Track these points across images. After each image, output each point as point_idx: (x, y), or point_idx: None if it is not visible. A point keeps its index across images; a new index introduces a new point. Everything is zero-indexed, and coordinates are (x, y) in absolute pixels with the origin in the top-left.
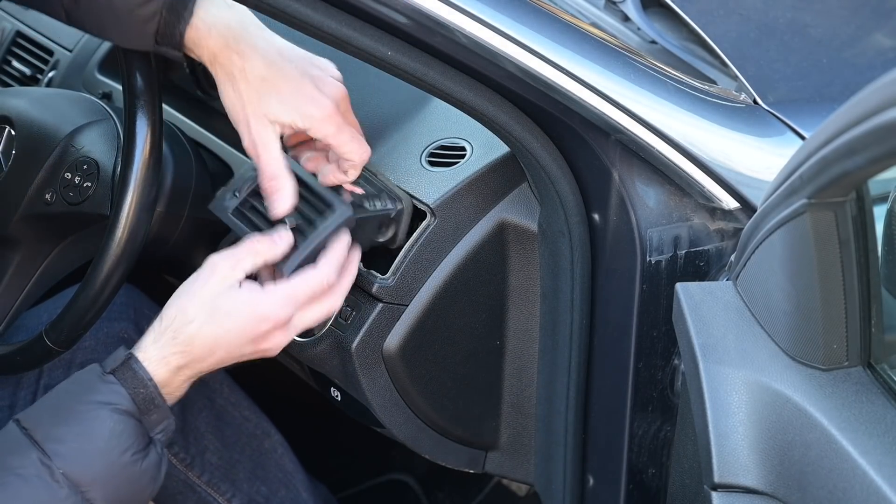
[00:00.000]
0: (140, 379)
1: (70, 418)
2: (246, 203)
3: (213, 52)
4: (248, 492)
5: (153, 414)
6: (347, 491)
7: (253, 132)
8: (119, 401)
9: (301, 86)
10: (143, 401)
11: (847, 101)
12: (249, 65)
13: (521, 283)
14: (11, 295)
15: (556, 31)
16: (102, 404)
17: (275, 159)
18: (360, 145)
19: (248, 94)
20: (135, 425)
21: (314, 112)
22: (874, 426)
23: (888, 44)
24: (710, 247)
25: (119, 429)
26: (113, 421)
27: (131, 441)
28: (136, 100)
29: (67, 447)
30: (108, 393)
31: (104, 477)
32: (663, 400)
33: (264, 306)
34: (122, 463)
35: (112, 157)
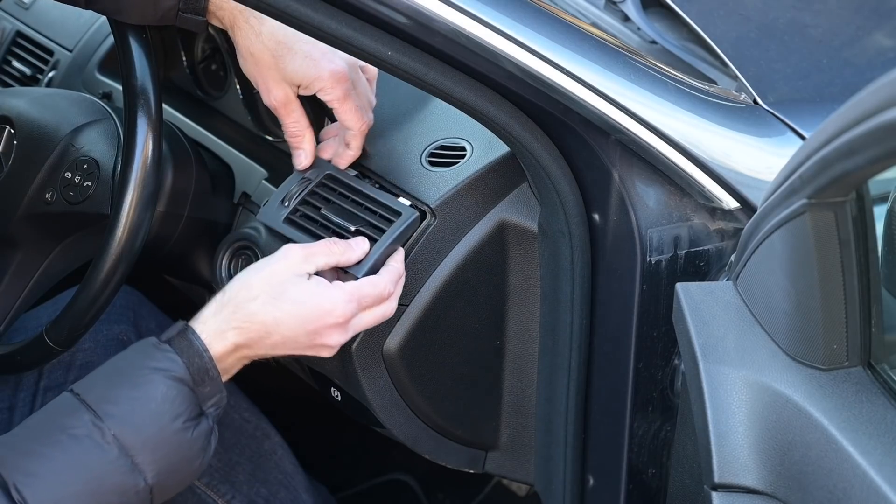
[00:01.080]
0: (196, 349)
1: (123, 382)
2: (297, 211)
3: (233, 15)
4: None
5: (206, 386)
6: (347, 491)
7: (272, 93)
8: (173, 368)
9: (315, 47)
10: (198, 371)
11: (847, 102)
12: (266, 27)
13: (521, 283)
14: (12, 295)
15: (556, 31)
16: (156, 370)
17: (295, 120)
18: (359, 114)
19: (264, 56)
20: (188, 394)
21: (325, 73)
22: (874, 426)
23: (888, 44)
24: (710, 247)
25: (172, 394)
26: (166, 386)
27: (183, 408)
28: (136, 100)
29: (120, 409)
30: (162, 360)
31: (154, 441)
32: (663, 400)
33: (330, 300)
34: (173, 429)
35: (112, 156)
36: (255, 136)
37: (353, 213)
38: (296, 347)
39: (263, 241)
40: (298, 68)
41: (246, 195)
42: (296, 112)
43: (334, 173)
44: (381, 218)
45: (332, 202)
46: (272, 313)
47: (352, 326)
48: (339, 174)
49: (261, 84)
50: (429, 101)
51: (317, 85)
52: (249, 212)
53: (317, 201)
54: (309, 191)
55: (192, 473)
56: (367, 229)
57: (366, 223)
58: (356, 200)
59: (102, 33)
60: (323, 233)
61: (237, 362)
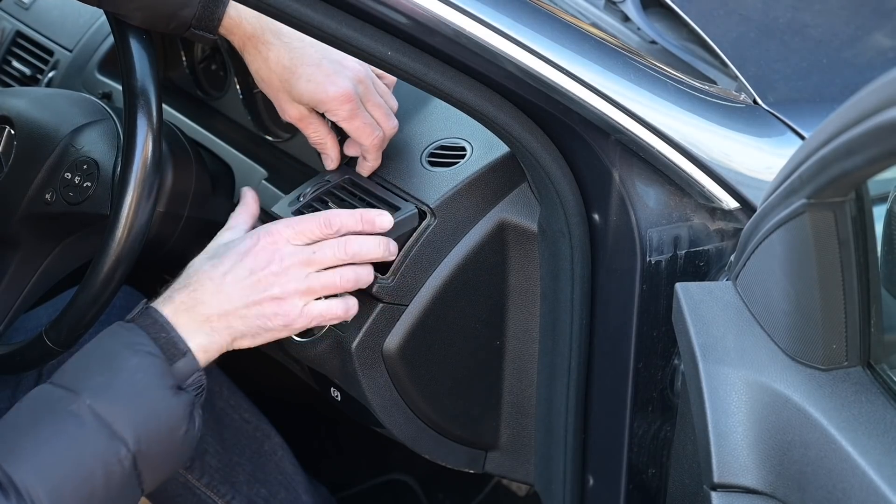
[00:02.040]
0: (159, 324)
1: (94, 361)
2: (309, 206)
3: (242, 42)
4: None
5: (179, 360)
6: (347, 491)
7: (287, 112)
8: (140, 342)
9: (319, 70)
10: (166, 344)
11: (846, 101)
12: (273, 54)
13: (521, 283)
14: (11, 295)
15: (556, 31)
16: (125, 345)
17: (314, 131)
18: (368, 130)
19: (273, 80)
20: (160, 364)
21: (330, 97)
22: (874, 426)
23: (888, 44)
24: (710, 247)
25: (144, 364)
26: (137, 357)
27: (157, 377)
28: (136, 100)
29: (93, 382)
30: (128, 336)
31: (130, 408)
32: (663, 400)
33: (260, 230)
34: (148, 395)
35: (112, 157)
36: (255, 136)
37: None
38: (252, 302)
39: None
40: (304, 92)
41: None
42: (314, 124)
43: (354, 178)
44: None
45: (344, 201)
46: (211, 266)
47: (308, 283)
48: (360, 180)
49: (276, 103)
50: (429, 101)
51: (322, 107)
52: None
53: (330, 199)
54: (325, 190)
55: (176, 443)
56: None
57: None
58: (369, 202)
59: (102, 33)
60: None
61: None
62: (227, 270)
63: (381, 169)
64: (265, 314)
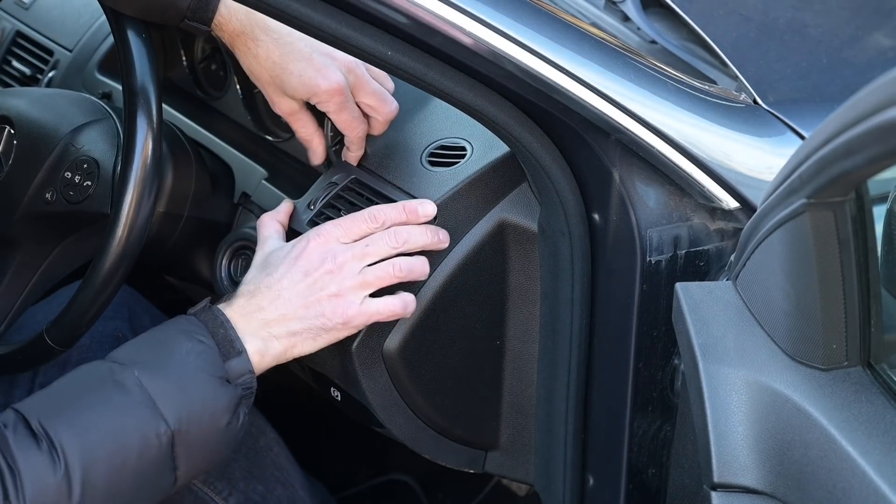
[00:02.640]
0: (218, 321)
1: (150, 341)
2: (322, 215)
3: (232, 37)
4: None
5: (233, 359)
6: (347, 491)
7: (278, 106)
8: (197, 331)
9: (310, 65)
10: (223, 340)
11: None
12: (263, 49)
13: (521, 283)
14: (12, 294)
15: (556, 31)
16: (182, 331)
17: (302, 126)
18: (354, 123)
19: (264, 75)
20: (213, 354)
21: (320, 91)
22: (874, 426)
23: (888, 44)
24: (710, 247)
25: (197, 349)
26: (191, 343)
27: (207, 365)
28: (136, 100)
29: (144, 358)
30: (187, 324)
31: (177, 387)
32: (663, 400)
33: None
34: (196, 380)
35: (112, 156)
36: (255, 136)
37: None
38: (313, 303)
39: None
40: (296, 87)
41: (246, 195)
42: (303, 119)
43: (360, 177)
44: None
45: (355, 205)
46: (268, 274)
47: (362, 276)
48: (366, 179)
49: (268, 97)
50: (429, 101)
51: (314, 100)
52: (249, 212)
53: (341, 204)
54: (334, 194)
55: (218, 433)
56: None
57: None
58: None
59: (102, 33)
60: None
61: (265, 344)
62: (282, 276)
63: (381, 169)
64: (324, 313)
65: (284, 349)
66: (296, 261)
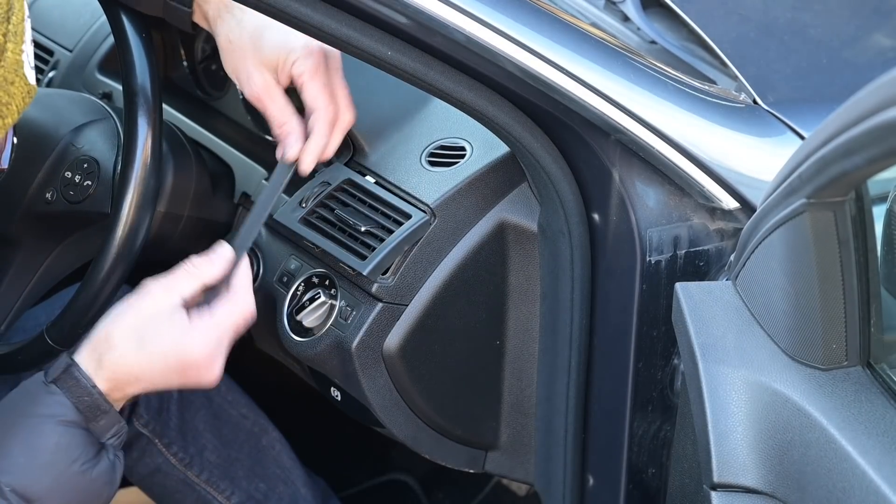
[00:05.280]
0: (83, 387)
1: (15, 432)
2: (313, 213)
3: (217, 8)
4: (247, 489)
5: (101, 420)
6: (347, 491)
7: (252, 80)
8: (63, 412)
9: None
10: (88, 408)
11: (846, 101)
12: (248, 15)
13: (521, 283)
14: (12, 294)
15: (556, 31)
16: (46, 417)
17: (280, 107)
18: (327, 97)
19: (244, 43)
20: (82, 435)
21: (298, 45)
22: (873, 426)
23: (888, 44)
24: (710, 247)
25: (65, 441)
26: (58, 434)
27: (79, 452)
28: (136, 100)
29: (14, 462)
30: (51, 404)
31: (53, 489)
32: (663, 400)
33: (188, 348)
34: (70, 473)
35: (112, 156)
36: (255, 136)
37: (365, 216)
38: (170, 386)
39: (263, 240)
40: (275, 44)
41: (246, 195)
42: (278, 99)
43: (353, 178)
44: (393, 220)
45: (348, 205)
46: (134, 362)
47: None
48: (358, 179)
49: (241, 74)
50: (429, 101)
51: (290, 58)
52: (249, 212)
53: (333, 203)
54: (327, 194)
55: (103, 496)
56: (377, 230)
57: (376, 224)
58: (372, 205)
59: (102, 33)
60: (335, 233)
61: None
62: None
63: (380, 168)
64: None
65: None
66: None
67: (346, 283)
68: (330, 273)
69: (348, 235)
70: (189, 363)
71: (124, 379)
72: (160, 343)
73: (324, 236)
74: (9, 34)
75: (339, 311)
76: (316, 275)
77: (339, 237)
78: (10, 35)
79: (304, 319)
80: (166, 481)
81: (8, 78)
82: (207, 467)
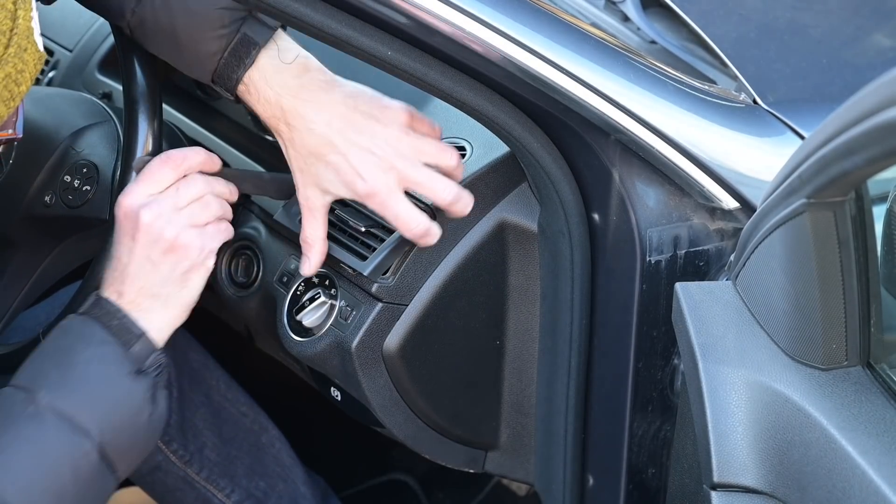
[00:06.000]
0: (110, 312)
1: (49, 358)
2: None
3: (265, 116)
4: (247, 487)
5: (135, 345)
6: (347, 491)
7: (301, 194)
8: (93, 332)
9: (346, 161)
10: (119, 330)
11: (846, 101)
12: (298, 136)
13: (521, 283)
14: (10, 296)
15: (556, 31)
16: (78, 338)
17: (313, 226)
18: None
19: (298, 161)
20: (116, 351)
21: (359, 193)
22: (873, 426)
23: (888, 44)
24: (710, 247)
25: (99, 354)
26: (91, 349)
27: (114, 364)
28: (136, 101)
29: (49, 379)
30: (81, 328)
31: (90, 399)
32: (663, 400)
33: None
34: (108, 384)
35: (112, 160)
36: (255, 136)
37: (365, 215)
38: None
39: (263, 240)
40: (332, 182)
41: (246, 195)
42: (317, 221)
43: None
44: None
45: (348, 205)
46: (120, 256)
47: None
48: None
49: (297, 185)
50: (429, 101)
51: (353, 197)
52: (249, 212)
53: (333, 203)
54: None
55: (142, 428)
56: (377, 230)
57: (376, 224)
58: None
59: (102, 33)
60: (335, 233)
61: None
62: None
63: None
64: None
65: (178, 314)
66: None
67: (346, 282)
68: (330, 273)
69: (348, 235)
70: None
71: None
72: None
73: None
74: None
75: (339, 311)
76: (316, 275)
77: (339, 237)
78: (20, 1)
79: (304, 319)
80: (166, 479)
81: (21, 45)
82: (207, 465)
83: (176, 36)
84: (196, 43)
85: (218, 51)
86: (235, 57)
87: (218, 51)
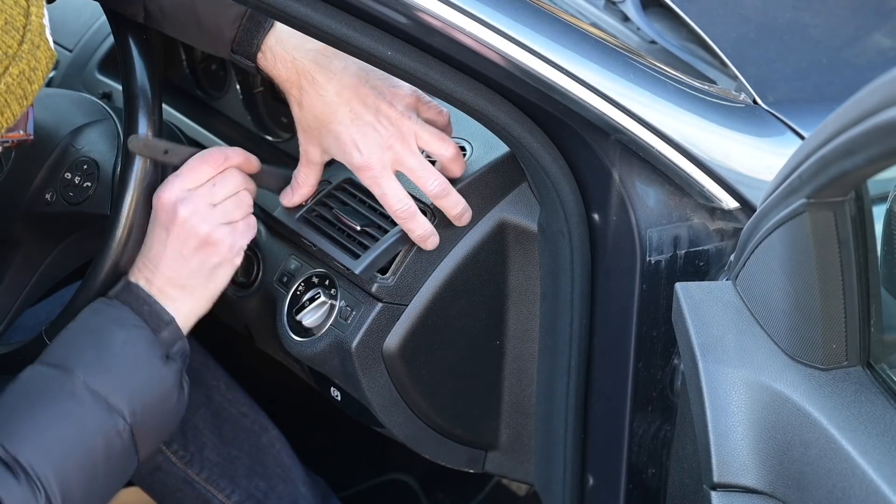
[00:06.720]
0: (140, 298)
1: (82, 337)
2: (312, 211)
3: (280, 82)
4: (247, 487)
5: (164, 331)
6: (347, 491)
7: (303, 147)
8: (125, 317)
9: (347, 131)
10: (150, 316)
11: (846, 101)
12: (307, 100)
13: (521, 283)
14: (12, 295)
15: (556, 31)
16: (111, 321)
17: (306, 173)
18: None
19: (304, 122)
20: (147, 335)
21: (354, 164)
22: (873, 426)
23: (888, 44)
24: (710, 247)
25: (132, 337)
26: (125, 332)
27: (145, 348)
28: (136, 100)
29: (84, 358)
30: (113, 312)
31: (123, 380)
32: (663, 400)
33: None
34: (139, 367)
35: (112, 157)
36: (255, 136)
37: (362, 214)
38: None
39: (263, 240)
40: (332, 148)
41: None
42: (313, 172)
43: (353, 177)
44: (391, 220)
45: (346, 204)
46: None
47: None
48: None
49: (300, 138)
50: None
51: (348, 166)
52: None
53: (332, 202)
54: (327, 192)
55: (169, 411)
56: (374, 229)
57: (371, 223)
58: (371, 204)
59: (102, 33)
60: (333, 231)
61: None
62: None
63: None
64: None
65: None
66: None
67: (345, 282)
68: (330, 273)
69: (346, 235)
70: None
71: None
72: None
73: (322, 235)
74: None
75: (339, 311)
76: (316, 275)
77: (335, 236)
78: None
79: (304, 319)
80: (167, 479)
81: (34, 41)
82: (207, 465)
83: (195, 11)
84: (215, 15)
85: (237, 17)
86: (254, 22)
87: (237, 17)
